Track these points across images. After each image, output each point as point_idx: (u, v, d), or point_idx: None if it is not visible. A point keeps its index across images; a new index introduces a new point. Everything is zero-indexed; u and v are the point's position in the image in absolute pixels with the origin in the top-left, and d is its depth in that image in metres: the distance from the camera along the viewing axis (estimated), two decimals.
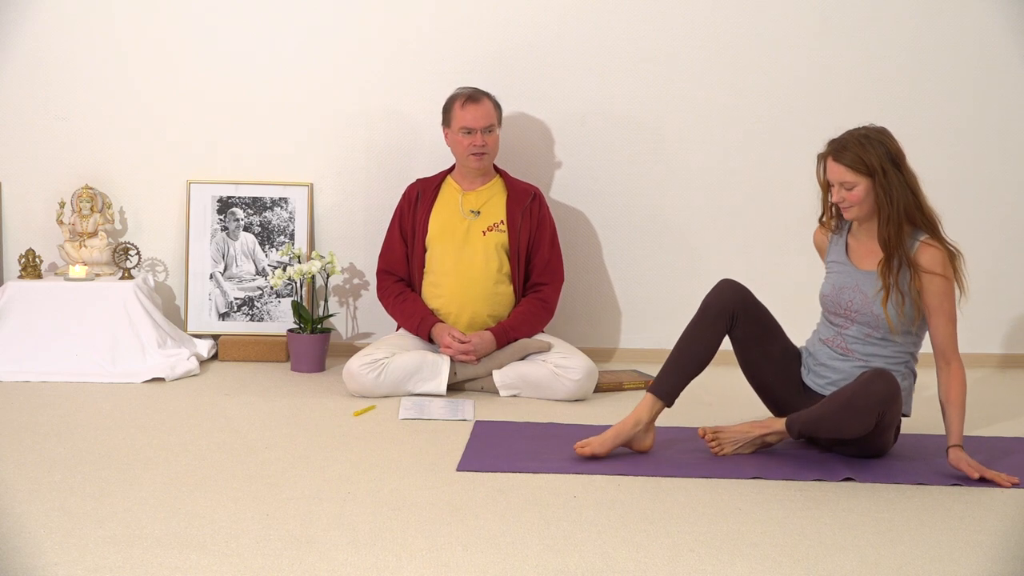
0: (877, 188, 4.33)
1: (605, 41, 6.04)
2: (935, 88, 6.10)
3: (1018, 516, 3.96)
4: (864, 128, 4.39)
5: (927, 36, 6.07)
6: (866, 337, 4.46)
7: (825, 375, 4.53)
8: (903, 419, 4.52)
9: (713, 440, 4.53)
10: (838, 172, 4.38)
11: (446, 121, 5.59)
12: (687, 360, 4.49)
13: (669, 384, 4.49)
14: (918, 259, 4.33)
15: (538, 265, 5.64)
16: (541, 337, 5.58)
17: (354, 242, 6.09)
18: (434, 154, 5.86)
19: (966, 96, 6.12)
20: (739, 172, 6.13)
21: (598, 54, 6.05)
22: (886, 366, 4.41)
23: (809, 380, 4.59)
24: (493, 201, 5.64)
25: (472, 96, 5.54)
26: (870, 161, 4.32)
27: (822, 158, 4.45)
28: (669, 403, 4.52)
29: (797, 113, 6.08)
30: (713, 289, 4.58)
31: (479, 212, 5.61)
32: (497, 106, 5.60)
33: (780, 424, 4.51)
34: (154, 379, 5.54)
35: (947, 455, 4.31)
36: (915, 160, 4.42)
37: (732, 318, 4.52)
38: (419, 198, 5.66)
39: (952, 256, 4.33)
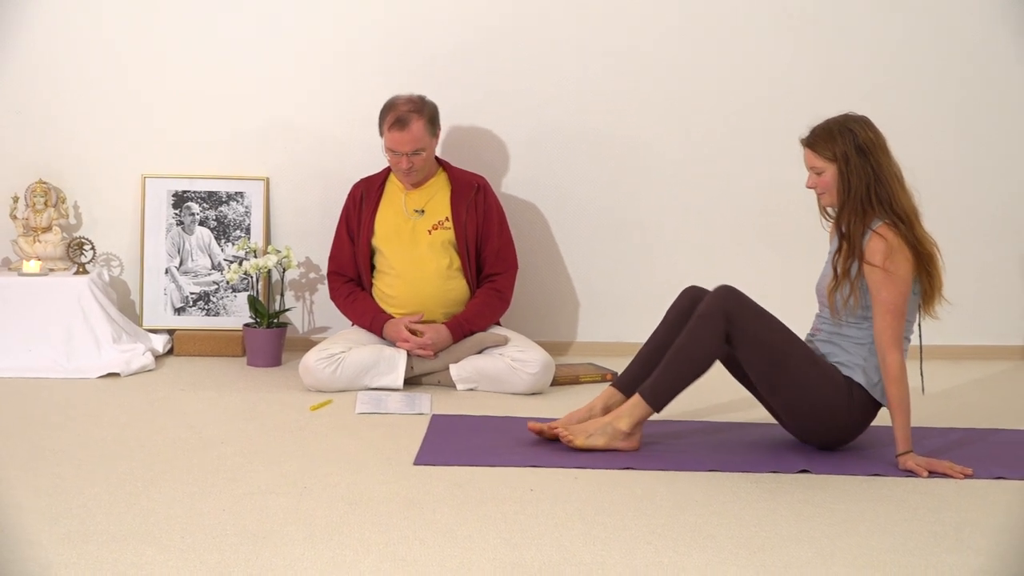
0: (839, 175, 4.36)
1: (561, 34, 6.05)
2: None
3: (972, 508, 3.99)
4: (843, 115, 4.43)
5: (894, 29, 6.09)
6: (831, 318, 4.48)
7: None
8: (880, 410, 4.51)
9: (566, 433, 4.51)
10: (808, 157, 4.44)
11: (380, 130, 5.56)
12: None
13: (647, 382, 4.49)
14: (868, 248, 4.35)
15: (489, 256, 5.63)
16: (498, 331, 5.58)
17: (310, 236, 6.08)
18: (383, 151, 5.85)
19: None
20: (696, 165, 6.14)
21: (555, 48, 6.05)
22: (851, 349, 4.41)
23: None
24: (437, 198, 5.63)
25: (400, 120, 5.44)
26: (835, 148, 4.35)
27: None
28: (628, 394, 4.55)
29: (755, 107, 6.10)
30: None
31: (423, 211, 5.60)
32: (431, 121, 5.51)
33: (632, 404, 4.46)
34: (109, 374, 5.51)
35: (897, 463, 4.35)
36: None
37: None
38: (363, 198, 5.64)
39: (892, 247, 4.30)
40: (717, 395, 4.95)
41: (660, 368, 4.44)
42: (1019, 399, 5.42)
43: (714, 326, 4.35)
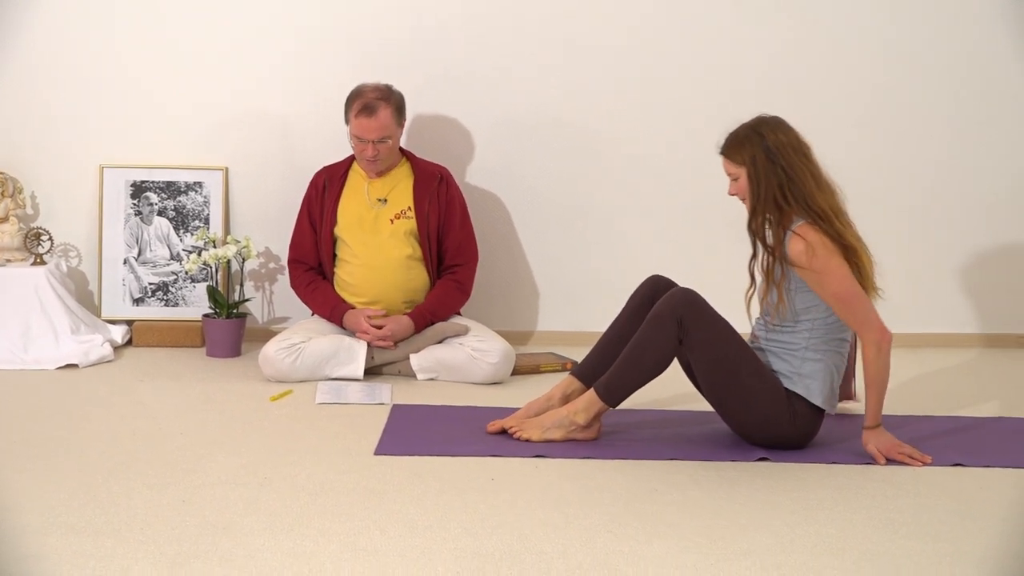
0: (748, 179, 4.36)
1: (523, 25, 6.04)
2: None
3: (930, 495, 4.01)
4: (754, 119, 4.41)
5: (848, 13, 6.13)
6: (765, 324, 4.49)
7: None
8: (825, 415, 4.51)
9: (515, 429, 4.52)
10: (724, 165, 4.44)
11: (345, 117, 5.55)
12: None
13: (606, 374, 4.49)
14: (789, 250, 4.32)
15: (450, 247, 5.63)
16: (458, 320, 5.58)
17: (269, 226, 6.06)
18: (347, 140, 5.83)
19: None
20: (655, 156, 6.15)
21: (516, 38, 6.04)
22: (784, 352, 4.41)
23: None
24: (400, 187, 5.62)
25: (367, 107, 5.44)
26: (743, 152, 4.35)
27: None
28: (587, 383, 4.56)
29: (712, 98, 6.11)
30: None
31: (386, 200, 5.59)
32: (397, 109, 5.52)
33: (589, 399, 4.46)
34: (67, 365, 5.48)
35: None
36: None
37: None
38: (326, 187, 5.63)
39: (814, 244, 4.26)
40: (677, 384, 4.96)
41: (616, 365, 4.44)
42: (977, 387, 5.45)
43: (666, 330, 4.34)
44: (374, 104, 5.44)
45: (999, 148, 6.23)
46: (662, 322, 4.34)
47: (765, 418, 4.35)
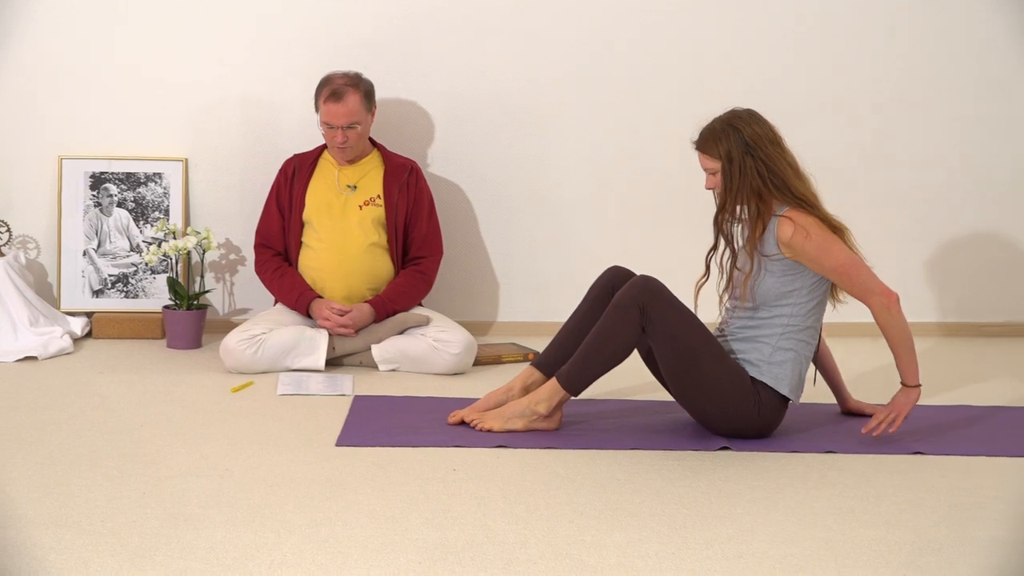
0: (722, 173, 4.37)
1: (481, 18, 6.04)
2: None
3: (889, 484, 4.04)
4: (728, 113, 4.42)
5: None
6: (736, 312, 4.51)
7: None
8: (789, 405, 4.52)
9: (473, 420, 4.52)
10: (701, 160, 4.44)
11: (315, 105, 5.55)
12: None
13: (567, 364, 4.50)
14: (778, 234, 4.35)
15: (416, 239, 5.63)
16: (420, 311, 5.57)
17: (230, 217, 6.04)
18: (307, 130, 5.82)
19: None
20: (616, 146, 6.16)
21: (477, 28, 6.04)
22: (755, 341, 4.43)
23: None
24: (370, 176, 5.62)
25: (336, 92, 5.44)
26: (719, 147, 4.36)
27: None
28: (547, 374, 4.57)
29: (669, 90, 6.12)
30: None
31: (355, 187, 5.59)
32: (367, 96, 5.52)
33: (550, 388, 4.47)
34: (26, 358, 5.45)
35: None
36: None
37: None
38: (296, 173, 5.62)
39: (805, 223, 4.31)
40: (639, 374, 4.97)
41: (577, 354, 4.44)
42: (936, 376, 5.48)
43: (629, 317, 4.35)
44: (342, 90, 5.44)
45: (956, 137, 6.25)
46: (624, 310, 4.35)
47: (728, 405, 4.36)
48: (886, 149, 6.24)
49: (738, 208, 4.39)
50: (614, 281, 4.61)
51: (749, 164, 4.34)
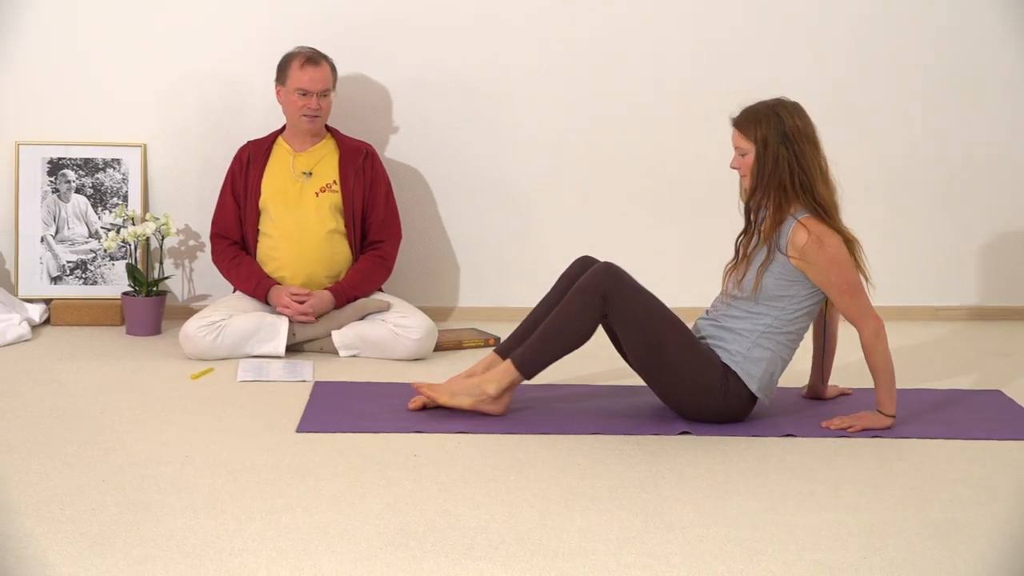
0: (756, 159, 4.36)
1: (439, 5, 6.02)
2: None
3: (848, 467, 4.06)
4: (775, 100, 4.40)
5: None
6: (726, 301, 4.50)
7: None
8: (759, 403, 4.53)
9: (429, 392, 4.51)
10: (735, 137, 4.41)
11: (281, 79, 5.53)
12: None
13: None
14: (791, 238, 4.34)
15: (374, 223, 5.62)
16: (380, 296, 5.57)
17: (189, 203, 6.01)
18: (268, 115, 5.80)
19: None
20: (578, 132, 6.15)
21: (438, 11, 6.02)
22: (735, 339, 4.43)
23: None
24: (325, 161, 5.60)
25: (311, 58, 5.48)
26: (757, 130, 4.34)
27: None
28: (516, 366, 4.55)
29: (639, 76, 6.12)
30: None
31: (311, 173, 5.57)
32: (334, 69, 5.57)
33: (503, 369, 4.46)
34: None
35: None
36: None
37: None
38: (250, 160, 5.60)
39: (820, 234, 4.29)
40: (599, 359, 4.98)
41: (534, 337, 4.44)
42: (915, 359, 5.50)
43: (590, 304, 4.35)
44: (317, 56, 5.50)
45: (900, 116, 6.25)
46: (585, 296, 4.35)
47: (695, 390, 4.37)
48: (832, 127, 6.27)
49: (766, 198, 4.37)
50: (584, 271, 4.60)
51: (783, 155, 4.32)
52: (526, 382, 4.50)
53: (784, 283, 4.36)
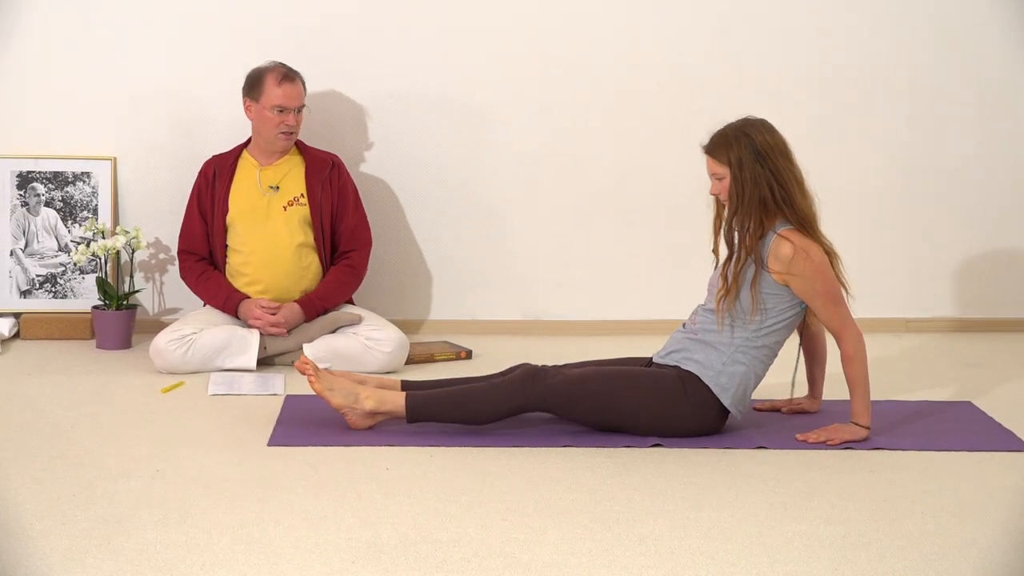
0: (732, 180, 4.35)
1: (410, 14, 6.02)
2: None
3: (819, 479, 4.06)
4: (741, 120, 4.40)
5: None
6: (707, 316, 4.48)
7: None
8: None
9: (310, 371, 4.45)
10: (708, 164, 4.41)
11: (253, 95, 5.51)
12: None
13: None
14: (774, 252, 4.33)
15: (344, 233, 5.61)
16: (352, 310, 5.56)
17: (159, 217, 5.99)
18: (237, 129, 5.77)
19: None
20: (547, 146, 6.15)
21: (408, 20, 6.02)
22: (708, 354, 4.42)
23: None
24: (292, 174, 5.59)
25: (287, 75, 5.46)
26: (730, 153, 4.33)
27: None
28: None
29: (603, 87, 6.12)
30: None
31: (278, 187, 5.56)
32: (304, 84, 5.56)
33: (393, 398, 4.44)
34: None
35: None
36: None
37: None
38: (216, 176, 5.59)
39: (802, 246, 4.30)
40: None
41: (444, 393, 4.44)
42: (886, 371, 5.52)
43: (511, 404, 4.38)
44: (292, 73, 5.49)
45: (873, 127, 6.27)
46: (510, 398, 4.38)
47: (661, 416, 4.38)
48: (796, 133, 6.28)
49: (747, 217, 4.36)
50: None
51: (759, 172, 4.32)
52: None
53: (763, 296, 4.37)
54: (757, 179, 4.32)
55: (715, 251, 4.53)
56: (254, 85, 5.49)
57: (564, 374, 4.41)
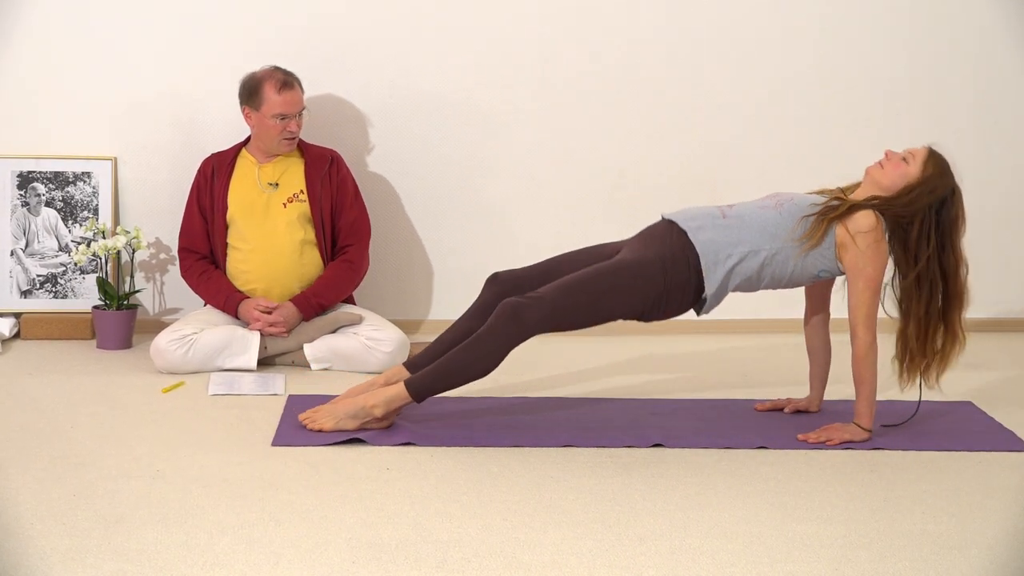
0: (917, 191, 4.42)
1: (409, 13, 6.02)
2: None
3: (820, 479, 4.07)
4: (954, 175, 4.50)
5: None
6: (760, 211, 4.50)
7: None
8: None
9: (306, 418, 4.48)
10: (913, 151, 4.48)
11: (253, 103, 5.48)
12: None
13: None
14: (855, 218, 4.38)
15: (344, 227, 5.60)
16: (352, 309, 5.56)
17: (159, 217, 5.99)
18: (237, 129, 5.77)
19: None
20: (546, 142, 6.16)
21: (406, 20, 6.01)
22: (733, 244, 4.41)
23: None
24: (291, 171, 5.59)
25: (286, 81, 5.45)
26: (939, 176, 4.45)
27: None
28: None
29: (601, 84, 6.13)
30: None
31: (277, 184, 5.56)
32: (302, 87, 5.56)
33: (395, 394, 4.43)
34: None
35: None
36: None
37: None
38: (215, 174, 5.58)
39: (880, 228, 4.37)
40: (572, 370, 4.99)
41: (437, 364, 4.43)
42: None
43: (500, 346, 4.36)
44: (291, 79, 5.48)
45: (873, 127, 6.27)
46: (495, 339, 4.36)
47: (640, 302, 4.42)
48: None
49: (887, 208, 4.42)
50: (495, 294, 4.61)
51: (929, 212, 4.41)
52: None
53: (803, 261, 4.41)
54: (926, 212, 4.41)
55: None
56: (252, 94, 5.48)
57: (543, 300, 4.37)
